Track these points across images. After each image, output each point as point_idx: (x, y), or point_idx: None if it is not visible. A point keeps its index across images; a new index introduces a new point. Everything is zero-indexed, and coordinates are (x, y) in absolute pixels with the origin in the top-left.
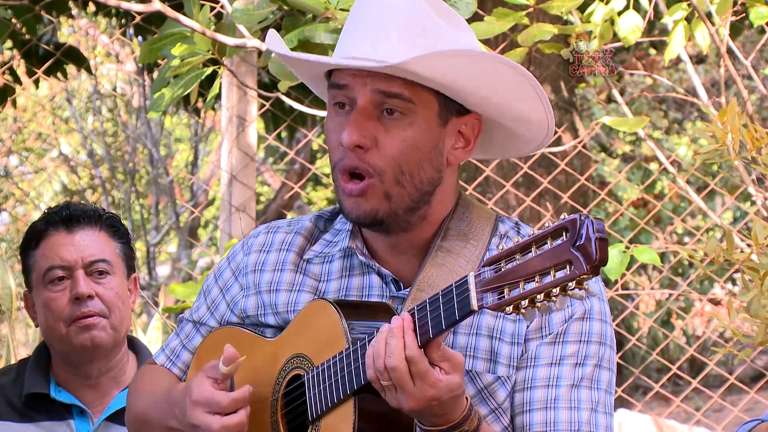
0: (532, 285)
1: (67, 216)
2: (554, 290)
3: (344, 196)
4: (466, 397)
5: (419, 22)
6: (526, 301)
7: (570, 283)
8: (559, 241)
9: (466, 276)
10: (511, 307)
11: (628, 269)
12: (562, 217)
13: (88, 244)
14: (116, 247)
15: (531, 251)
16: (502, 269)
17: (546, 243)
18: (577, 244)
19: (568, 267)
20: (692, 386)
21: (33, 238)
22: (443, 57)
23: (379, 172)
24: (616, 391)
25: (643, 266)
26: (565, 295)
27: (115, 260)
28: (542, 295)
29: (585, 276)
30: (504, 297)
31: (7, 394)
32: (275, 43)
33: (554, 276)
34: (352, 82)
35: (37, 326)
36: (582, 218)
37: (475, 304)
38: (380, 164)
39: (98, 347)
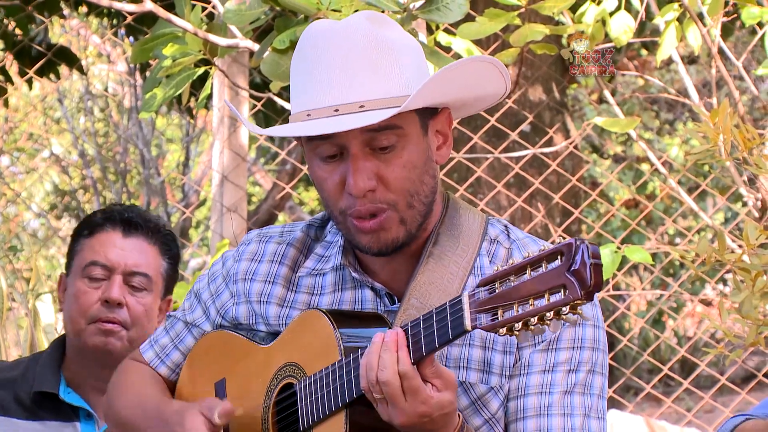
0: (526, 308)
1: (128, 219)
2: (548, 314)
3: (360, 234)
4: (459, 414)
5: (377, 47)
6: (520, 323)
7: (564, 308)
8: (554, 265)
9: (460, 296)
10: (504, 328)
11: (619, 270)
12: (558, 240)
13: (137, 253)
14: (162, 265)
15: (526, 273)
16: (497, 290)
17: (541, 266)
18: (572, 269)
19: (562, 291)
20: (683, 387)
21: (87, 227)
22: (434, 82)
23: (393, 204)
24: (607, 392)
25: (635, 267)
26: (559, 319)
27: (157, 278)
28: (536, 318)
29: (579, 301)
30: (497, 318)
31: (15, 388)
32: (239, 116)
33: (548, 300)
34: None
35: (61, 311)
36: (578, 243)
37: (468, 325)
38: (392, 197)
39: (110, 354)
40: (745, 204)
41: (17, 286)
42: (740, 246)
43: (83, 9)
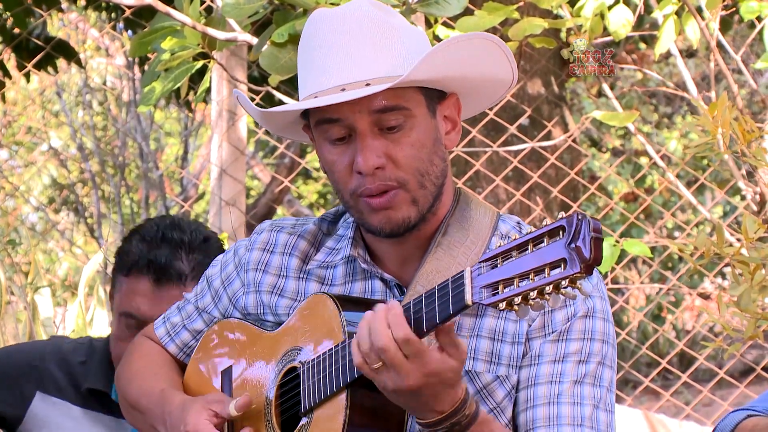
0: (526, 282)
1: (160, 267)
2: (547, 288)
3: (371, 214)
4: (463, 387)
5: (379, 28)
6: (520, 298)
7: (563, 282)
8: (555, 240)
9: (462, 271)
10: (504, 303)
11: (618, 263)
12: (560, 216)
13: (167, 305)
14: None
15: (527, 249)
16: (498, 266)
17: (542, 241)
18: (573, 243)
19: (562, 265)
20: (682, 380)
21: (124, 267)
22: (437, 53)
23: (403, 183)
24: (615, 387)
25: (633, 260)
26: (558, 294)
27: None
28: (536, 292)
29: (578, 275)
30: (498, 293)
31: (74, 374)
32: (247, 104)
33: (548, 274)
34: (344, 113)
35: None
36: (579, 218)
37: (469, 299)
38: (402, 175)
39: None
40: (743, 197)
41: (16, 279)
42: (739, 239)
43: (81, 2)
